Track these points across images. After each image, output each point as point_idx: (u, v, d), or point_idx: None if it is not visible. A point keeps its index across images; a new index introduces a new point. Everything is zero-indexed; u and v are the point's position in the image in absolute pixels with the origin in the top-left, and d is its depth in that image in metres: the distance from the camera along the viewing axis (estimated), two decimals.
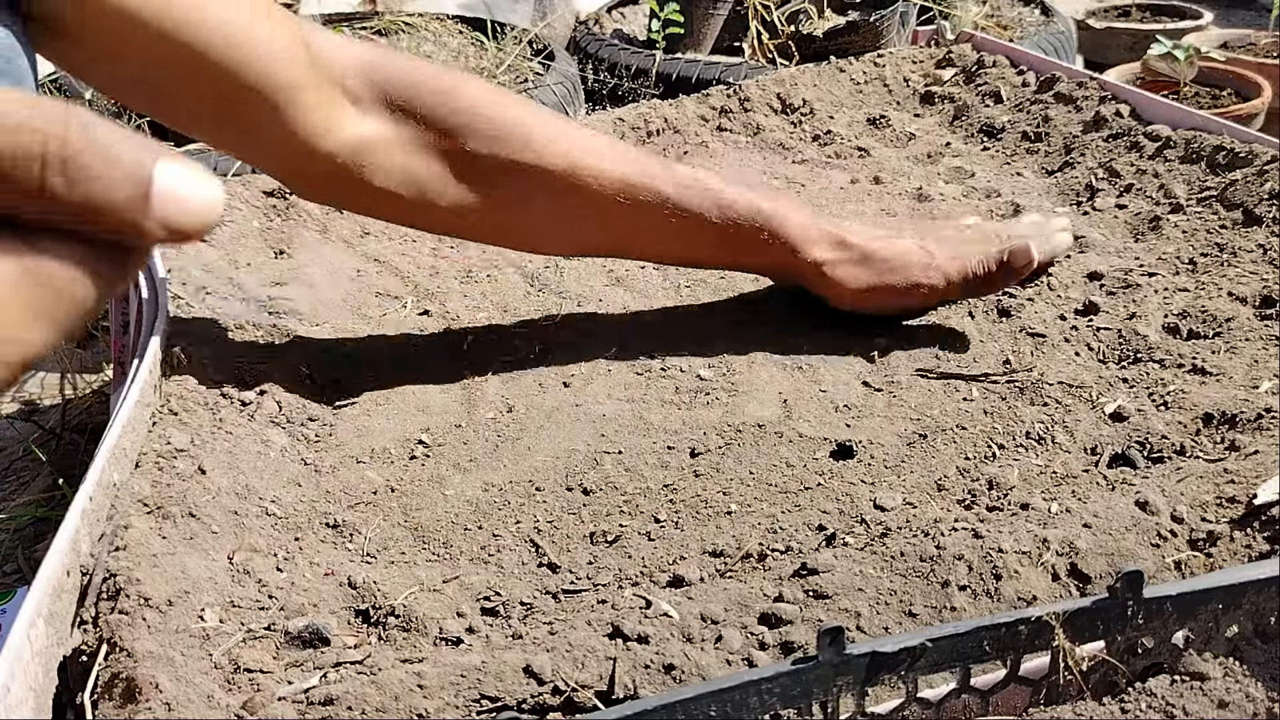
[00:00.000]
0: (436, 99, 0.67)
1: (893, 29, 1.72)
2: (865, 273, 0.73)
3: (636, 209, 0.70)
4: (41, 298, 0.22)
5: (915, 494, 0.62)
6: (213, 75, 0.62)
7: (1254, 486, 0.57)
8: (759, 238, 0.72)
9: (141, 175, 0.22)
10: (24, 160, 0.21)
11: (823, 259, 0.73)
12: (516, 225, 0.72)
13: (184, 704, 0.49)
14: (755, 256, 0.74)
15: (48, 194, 0.21)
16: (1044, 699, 0.47)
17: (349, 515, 0.64)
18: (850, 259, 0.73)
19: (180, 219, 0.22)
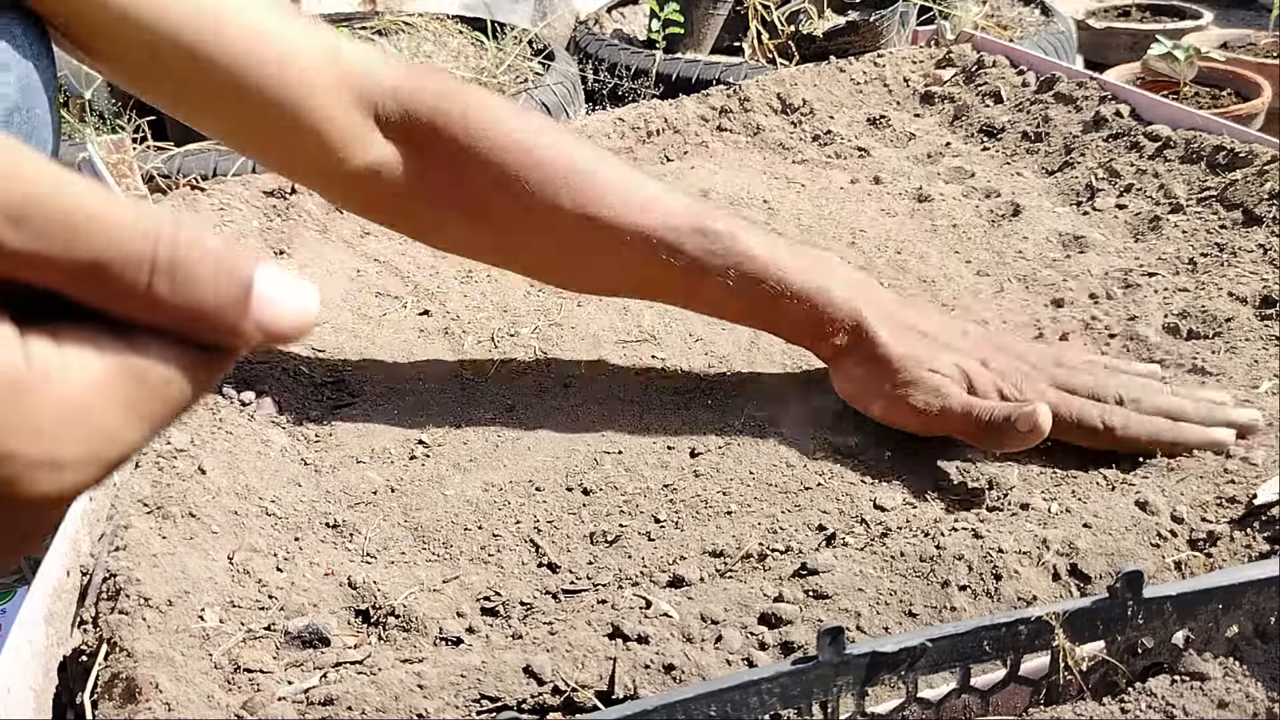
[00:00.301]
0: (459, 129, 0.65)
1: (893, 29, 1.72)
2: (863, 370, 0.65)
3: (655, 265, 0.65)
4: (140, 397, 0.22)
5: (915, 494, 0.62)
6: (241, 93, 0.62)
7: (1254, 486, 0.57)
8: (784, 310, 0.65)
9: (243, 280, 0.22)
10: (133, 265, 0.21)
11: (839, 343, 0.65)
12: (527, 261, 0.71)
13: (184, 704, 0.49)
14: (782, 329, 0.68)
15: (153, 297, 0.21)
16: (1044, 699, 0.47)
17: (349, 515, 0.64)
18: (859, 353, 0.65)
19: (278, 323, 0.23)
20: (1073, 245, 0.87)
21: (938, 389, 0.62)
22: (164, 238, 0.21)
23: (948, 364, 0.63)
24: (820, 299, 0.65)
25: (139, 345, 0.22)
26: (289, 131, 0.64)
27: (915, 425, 0.64)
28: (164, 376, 0.22)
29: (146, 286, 0.21)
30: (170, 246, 0.21)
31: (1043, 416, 0.58)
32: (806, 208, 0.97)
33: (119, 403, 0.22)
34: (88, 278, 0.21)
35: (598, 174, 0.66)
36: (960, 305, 0.79)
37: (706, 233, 0.65)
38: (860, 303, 0.65)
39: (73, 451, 0.21)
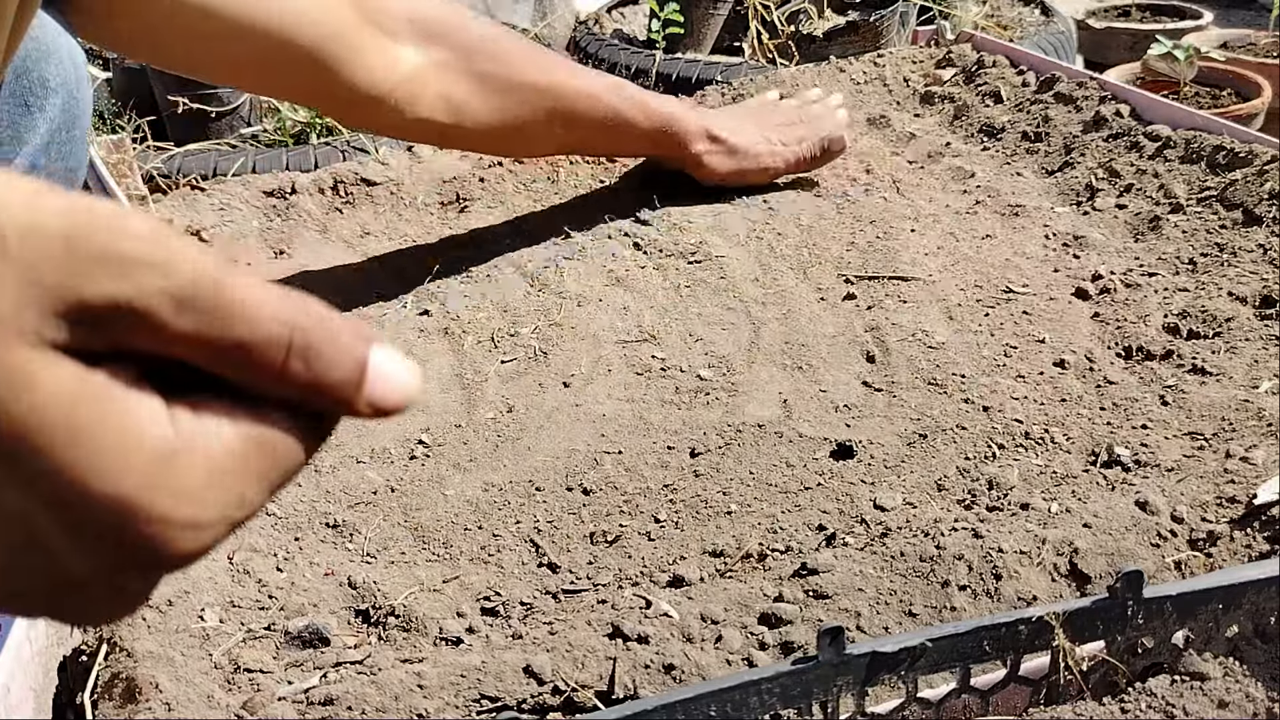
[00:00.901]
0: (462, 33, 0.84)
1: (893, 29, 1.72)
2: (729, 161, 0.98)
3: (598, 117, 0.92)
4: (264, 464, 0.24)
5: (915, 494, 0.62)
6: (262, 42, 0.73)
7: (1254, 486, 0.57)
8: (667, 135, 0.96)
9: (361, 360, 0.24)
10: (274, 347, 0.23)
11: (700, 150, 0.97)
12: (516, 133, 0.90)
13: (184, 704, 0.49)
14: (661, 149, 0.98)
15: (286, 374, 0.24)
16: (1044, 699, 0.47)
17: (349, 515, 0.64)
18: (719, 150, 0.98)
19: (387, 398, 0.25)
20: (1073, 245, 0.87)
21: (773, 152, 1.00)
22: (299, 323, 0.24)
23: (761, 138, 1.00)
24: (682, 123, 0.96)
25: (265, 416, 0.24)
26: (320, 69, 0.76)
27: (768, 178, 1.00)
28: (285, 445, 0.24)
29: (282, 365, 0.23)
30: (304, 331, 0.24)
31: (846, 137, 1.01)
32: (806, 207, 0.97)
33: (248, 469, 0.24)
34: (232, 357, 0.23)
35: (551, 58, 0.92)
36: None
37: (622, 87, 0.94)
38: (705, 118, 0.99)
39: (211, 514, 0.23)
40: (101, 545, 0.22)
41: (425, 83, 0.82)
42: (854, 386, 0.73)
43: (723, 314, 0.82)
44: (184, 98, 1.47)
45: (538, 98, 0.88)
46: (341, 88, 0.78)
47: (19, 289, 0.21)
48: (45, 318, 0.21)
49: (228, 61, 0.76)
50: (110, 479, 0.21)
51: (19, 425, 0.21)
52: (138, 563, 0.23)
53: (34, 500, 0.22)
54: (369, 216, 1.01)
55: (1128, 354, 0.73)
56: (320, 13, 0.75)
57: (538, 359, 0.78)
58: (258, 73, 0.78)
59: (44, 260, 0.21)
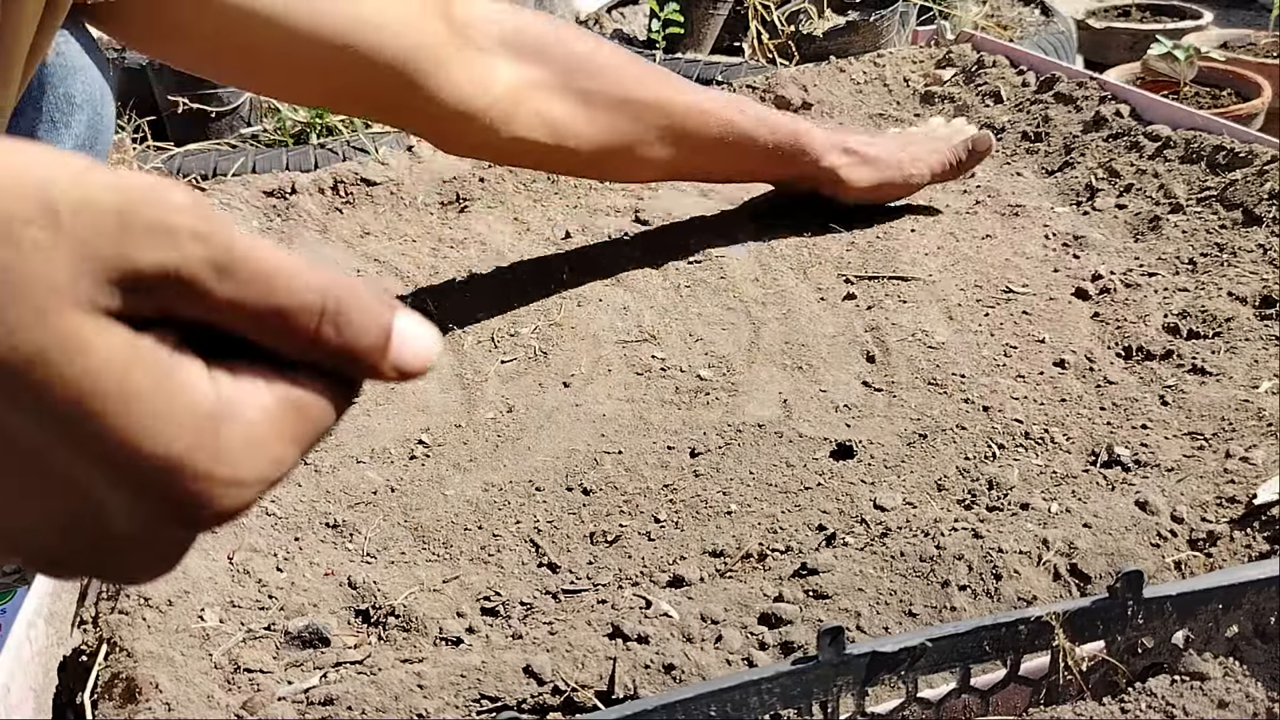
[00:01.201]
0: (560, 48, 0.80)
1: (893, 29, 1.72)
2: (871, 172, 0.91)
3: (714, 134, 0.86)
4: (298, 425, 0.25)
5: (915, 494, 0.62)
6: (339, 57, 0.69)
7: (1254, 486, 0.57)
8: (795, 152, 0.89)
9: (386, 326, 0.26)
10: (307, 313, 0.24)
11: (836, 164, 0.91)
12: (623, 155, 0.85)
13: (184, 704, 0.49)
14: (789, 167, 0.91)
15: (319, 339, 0.25)
16: (1044, 699, 0.47)
17: (349, 515, 0.64)
18: (857, 162, 0.91)
19: (410, 361, 0.26)
20: (1073, 245, 0.87)
21: (915, 159, 0.93)
22: (331, 290, 0.25)
23: (898, 148, 0.94)
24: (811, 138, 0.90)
25: (298, 379, 0.25)
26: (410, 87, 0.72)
27: (912, 189, 0.94)
28: (318, 407, 0.26)
29: (315, 330, 0.25)
30: (336, 299, 0.25)
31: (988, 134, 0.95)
32: (806, 206, 0.97)
33: (284, 430, 0.25)
34: (270, 322, 0.24)
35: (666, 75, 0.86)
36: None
37: (743, 104, 0.89)
38: (836, 134, 0.93)
39: (250, 472, 0.24)
40: (149, 503, 0.23)
41: (520, 100, 0.78)
42: (854, 386, 0.73)
43: (723, 314, 0.82)
44: (184, 98, 1.47)
45: (646, 114, 0.82)
46: (429, 104, 0.74)
47: (74, 259, 0.22)
48: (99, 285, 0.22)
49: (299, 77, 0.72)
50: (159, 439, 0.23)
51: (74, 389, 0.22)
52: (181, 519, 0.24)
53: (87, 461, 0.23)
54: (369, 216, 1.01)
55: (1128, 354, 0.73)
56: (403, 24, 0.71)
57: (538, 359, 0.78)
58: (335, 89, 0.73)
59: (97, 231, 0.22)
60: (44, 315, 0.22)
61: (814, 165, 0.90)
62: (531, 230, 0.98)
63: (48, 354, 0.22)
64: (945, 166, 0.93)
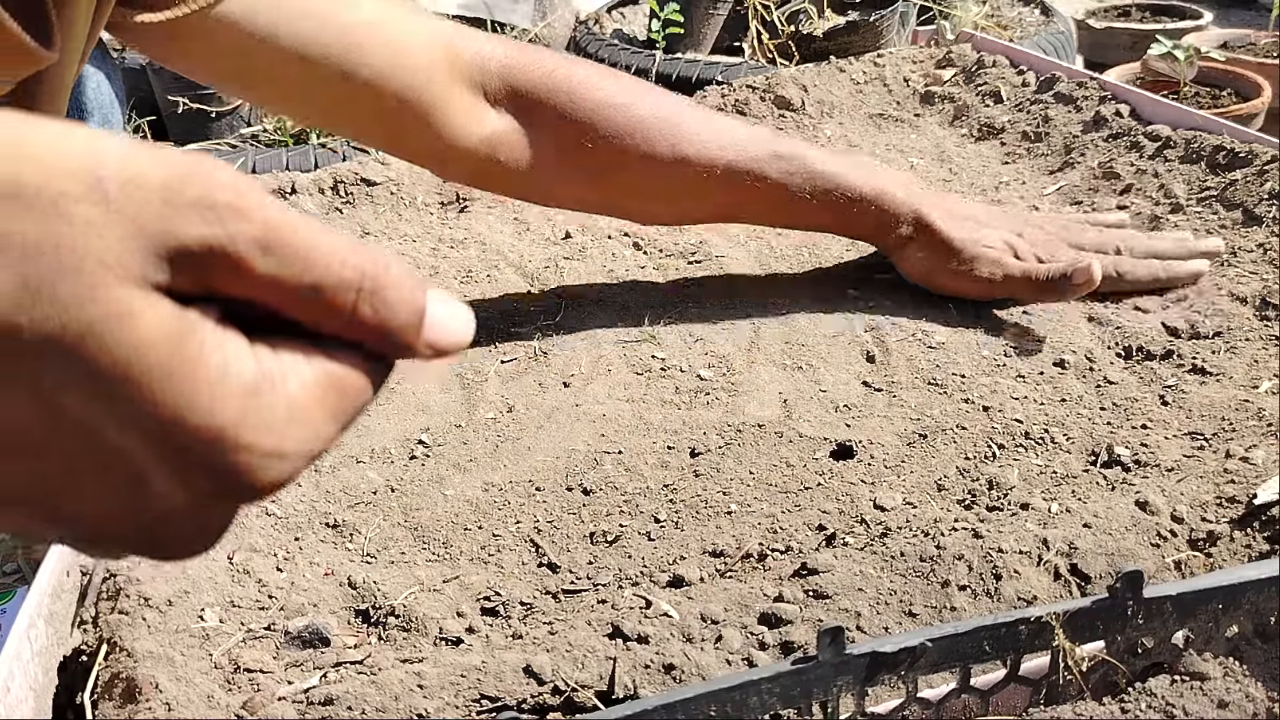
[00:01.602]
0: (563, 99, 0.76)
1: (893, 29, 1.72)
2: (930, 256, 0.79)
3: (740, 190, 0.78)
4: (338, 400, 0.26)
5: (915, 494, 0.62)
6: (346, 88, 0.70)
7: (1254, 486, 0.57)
8: (856, 213, 0.79)
9: (420, 306, 0.26)
10: (345, 290, 0.25)
11: (904, 236, 0.79)
12: (630, 206, 0.82)
13: (184, 704, 0.49)
14: (854, 228, 0.82)
15: (356, 316, 0.25)
16: (1044, 699, 0.47)
17: (349, 515, 0.64)
18: (923, 241, 0.79)
19: (443, 340, 0.27)
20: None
21: (996, 260, 0.77)
22: (368, 268, 0.25)
23: (997, 239, 0.78)
24: (885, 200, 0.78)
25: (337, 356, 0.26)
26: (406, 118, 0.72)
27: (980, 292, 0.78)
28: (356, 383, 0.26)
29: (353, 307, 0.25)
30: (373, 276, 0.25)
31: (1095, 269, 0.73)
32: None
33: (325, 404, 0.25)
34: (309, 299, 0.25)
35: (683, 121, 0.78)
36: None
37: (781, 156, 0.78)
38: (917, 199, 0.79)
39: (292, 445, 0.25)
40: (195, 476, 0.24)
41: (509, 145, 0.76)
42: (854, 386, 0.73)
43: (723, 314, 0.82)
44: (184, 98, 1.47)
45: (655, 175, 0.77)
46: (426, 142, 0.75)
47: (123, 234, 0.22)
48: (147, 260, 0.23)
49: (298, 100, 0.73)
50: (204, 411, 0.23)
51: (123, 361, 0.22)
52: (227, 492, 0.24)
53: (133, 435, 0.23)
54: (369, 216, 1.01)
55: (1128, 354, 0.73)
56: (414, 63, 0.71)
57: (538, 359, 0.79)
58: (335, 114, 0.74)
59: (145, 207, 0.23)
60: (94, 290, 0.22)
61: (879, 233, 0.80)
62: (531, 230, 0.98)
63: (97, 327, 0.22)
64: (1025, 277, 0.75)
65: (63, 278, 0.22)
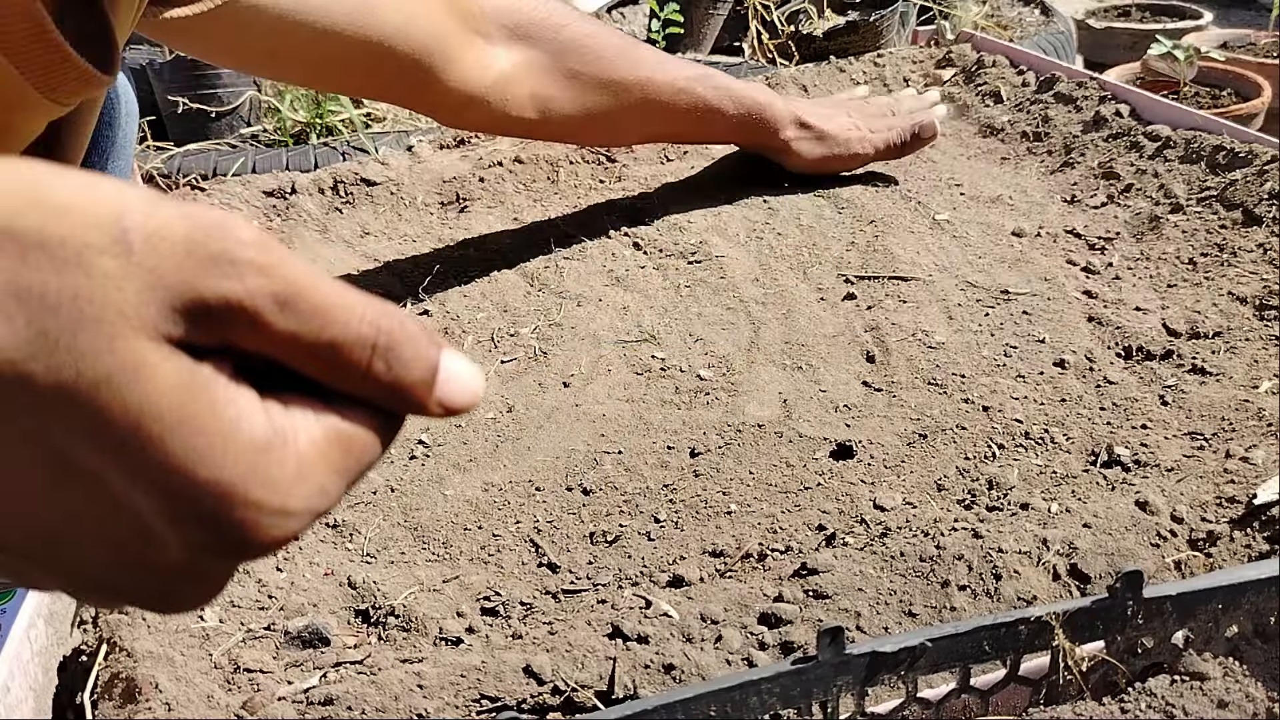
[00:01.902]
0: (553, 33, 0.87)
1: (893, 29, 1.72)
2: (819, 147, 0.99)
3: (685, 108, 0.94)
4: (345, 458, 0.25)
5: (915, 494, 0.62)
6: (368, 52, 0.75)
7: (1254, 486, 0.57)
8: (756, 122, 0.97)
9: (433, 364, 0.26)
10: (361, 347, 0.25)
11: (790, 137, 0.98)
12: (604, 126, 0.94)
13: (184, 704, 0.49)
14: (750, 136, 0.99)
15: (369, 374, 0.25)
16: (1044, 699, 0.47)
17: (349, 515, 0.64)
18: (809, 137, 0.98)
19: (455, 399, 0.26)
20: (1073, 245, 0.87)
21: (863, 138, 1.00)
22: (383, 326, 0.25)
23: (849, 124, 1.00)
24: (772, 110, 0.97)
25: (347, 412, 0.26)
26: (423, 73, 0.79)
27: (859, 164, 1.01)
28: (365, 440, 0.26)
29: (367, 365, 0.25)
30: (388, 333, 0.25)
31: (937, 125, 1.00)
32: (806, 207, 0.97)
33: (332, 462, 0.25)
34: (324, 355, 0.25)
35: (644, 52, 0.94)
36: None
37: (711, 76, 0.95)
38: (794, 106, 1.00)
39: (298, 503, 0.24)
40: (199, 531, 0.23)
41: (515, 82, 0.86)
42: (854, 386, 0.73)
43: (723, 314, 0.82)
44: (184, 98, 1.47)
45: (626, 94, 0.91)
46: (440, 92, 0.82)
47: (142, 286, 0.23)
48: (164, 313, 0.23)
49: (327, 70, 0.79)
50: (214, 466, 0.23)
51: (135, 413, 0.22)
52: (229, 548, 0.24)
53: (141, 486, 0.23)
54: (369, 216, 1.01)
55: (1128, 354, 0.73)
56: (425, 20, 0.78)
57: (538, 359, 0.78)
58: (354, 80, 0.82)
59: (166, 261, 0.23)
60: (111, 341, 0.22)
61: (771, 136, 0.98)
62: (531, 230, 0.98)
63: (112, 378, 0.22)
64: (889, 145, 1.00)
65: (83, 328, 0.22)
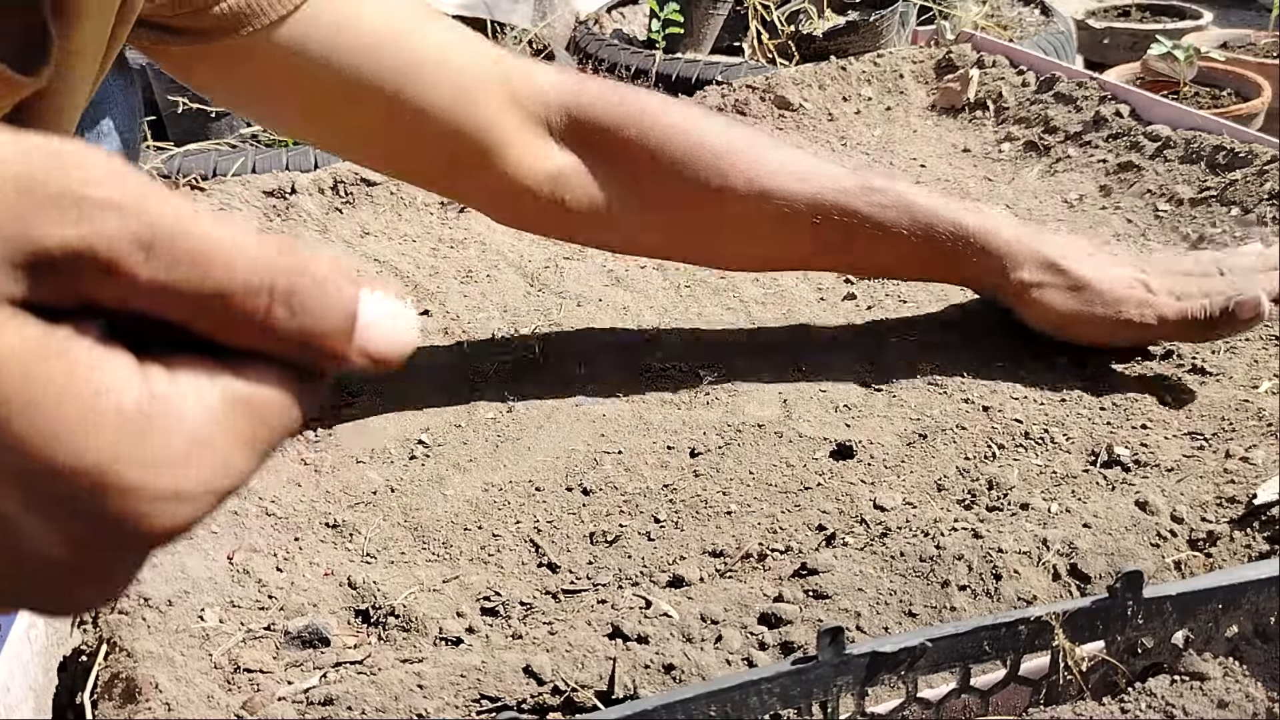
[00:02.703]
0: (630, 130, 0.69)
1: (893, 29, 1.72)
2: (1073, 300, 0.69)
3: (829, 228, 0.69)
4: (249, 426, 0.22)
5: (915, 494, 0.62)
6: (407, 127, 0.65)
7: (1254, 486, 0.57)
8: (963, 254, 0.70)
9: (350, 306, 0.22)
10: (254, 293, 0.21)
11: (1030, 280, 0.70)
12: (706, 247, 0.75)
13: (184, 704, 0.49)
14: (960, 271, 0.72)
15: (270, 324, 0.21)
16: (1044, 699, 0.47)
17: (349, 515, 0.64)
18: (1059, 284, 0.69)
19: (381, 347, 0.23)
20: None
21: (1145, 301, 0.68)
22: (282, 266, 0.22)
23: (1131, 278, 0.69)
24: (994, 240, 0.69)
25: (250, 373, 0.22)
26: (464, 157, 0.67)
27: (1132, 337, 0.69)
28: (274, 404, 0.22)
29: (265, 314, 0.21)
30: (288, 274, 0.22)
31: (1264, 299, 0.64)
32: None
33: (235, 432, 0.22)
34: (210, 307, 0.21)
35: (764, 152, 0.70)
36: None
37: (874, 189, 0.69)
38: (1036, 239, 0.70)
39: (193, 483, 0.21)
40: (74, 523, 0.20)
41: (574, 185, 0.70)
42: (854, 387, 0.73)
43: (723, 314, 0.82)
44: (184, 98, 1.47)
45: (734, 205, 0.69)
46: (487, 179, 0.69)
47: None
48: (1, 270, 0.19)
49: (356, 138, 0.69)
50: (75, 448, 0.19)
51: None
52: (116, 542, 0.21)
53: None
54: (369, 216, 1.01)
55: (1127, 353, 0.73)
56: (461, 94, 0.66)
57: (538, 359, 0.79)
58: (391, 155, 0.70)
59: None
60: None
61: (998, 275, 0.70)
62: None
63: None
64: (1184, 318, 0.67)
65: None
